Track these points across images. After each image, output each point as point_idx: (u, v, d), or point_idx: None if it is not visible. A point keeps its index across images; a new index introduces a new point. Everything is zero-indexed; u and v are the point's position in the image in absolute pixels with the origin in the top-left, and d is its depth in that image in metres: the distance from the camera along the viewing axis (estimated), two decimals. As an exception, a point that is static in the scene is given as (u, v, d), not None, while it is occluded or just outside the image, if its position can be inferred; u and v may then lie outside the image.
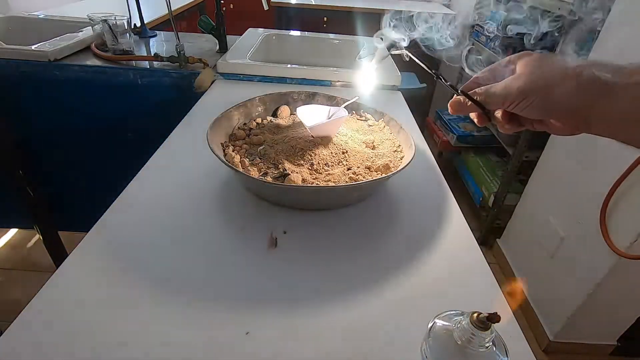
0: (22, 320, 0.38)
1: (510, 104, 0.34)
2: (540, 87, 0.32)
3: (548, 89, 0.31)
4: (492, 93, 0.35)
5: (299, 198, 0.55)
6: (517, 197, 1.52)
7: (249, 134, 0.67)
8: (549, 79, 0.31)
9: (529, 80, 0.32)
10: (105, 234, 0.49)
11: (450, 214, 0.58)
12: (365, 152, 0.63)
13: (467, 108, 0.38)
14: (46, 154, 1.19)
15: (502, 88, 0.34)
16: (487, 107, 0.37)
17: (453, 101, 0.39)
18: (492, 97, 0.35)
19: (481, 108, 0.37)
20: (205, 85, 0.97)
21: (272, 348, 0.37)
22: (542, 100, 0.32)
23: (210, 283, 0.43)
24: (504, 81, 0.34)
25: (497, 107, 0.36)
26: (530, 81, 0.32)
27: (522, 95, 0.32)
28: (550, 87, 0.31)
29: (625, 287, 1.09)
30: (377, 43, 0.48)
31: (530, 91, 0.32)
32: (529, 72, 0.33)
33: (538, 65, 0.33)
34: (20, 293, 1.37)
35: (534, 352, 0.38)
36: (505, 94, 0.34)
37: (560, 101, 0.31)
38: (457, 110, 0.39)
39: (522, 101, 0.33)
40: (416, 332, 0.39)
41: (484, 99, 0.36)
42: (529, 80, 0.32)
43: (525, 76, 0.33)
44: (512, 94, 0.33)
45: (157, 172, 0.62)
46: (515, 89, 0.33)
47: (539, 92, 0.32)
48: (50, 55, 0.99)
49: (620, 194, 1.00)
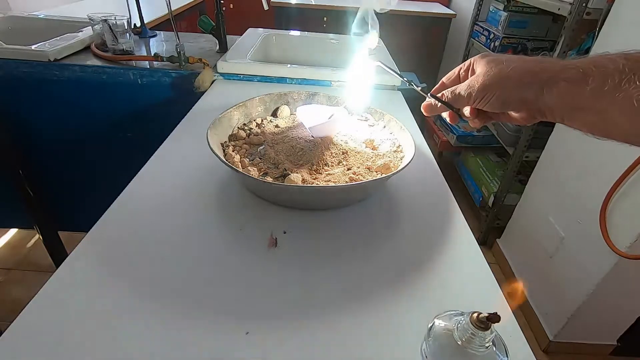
0: (22, 320, 0.38)
1: (474, 101, 0.38)
2: (496, 83, 0.36)
3: (502, 84, 0.35)
4: (458, 93, 0.39)
5: (299, 198, 0.55)
6: (517, 197, 1.52)
7: (249, 134, 0.67)
8: (503, 76, 0.35)
9: (487, 78, 0.36)
10: (105, 234, 0.49)
11: (450, 214, 0.58)
12: (365, 152, 0.63)
13: (439, 109, 0.43)
14: (46, 154, 1.19)
15: (466, 87, 0.38)
16: (455, 106, 0.41)
17: (425, 104, 0.43)
18: (458, 96, 0.39)
19: (450, 107, 0.41)
20: (205, 85, 0.97)
21: (272, 348, 0.37)
22: (500, 95, 0.36)
23: (210, 283, 0.43)
24: (467, 81, 0.38)
25: (464, 105, 0.40)
26: (489, 79, 0.36)
27: (483, 92, 0.36)
28: (504, 83, 0.35)
29: (625, 287, 1.09)
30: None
31: (490, 88, 0.36)
32: (486, 71, 0.36)
33: (494, 64, 0.36)
34: (20, 293, 1.37)
35: (534, 352, 0.38)
36: (469, 92, 0.38)
37: (514, 95, 0.35)
38: (430, 112, 0.43)
39: (483, 97, 0.37)
40: (416, 332, 0.39)
41: (451, 99, 0.40)
42: (487, 78, 0.36)
43: (483, 75, 0.36)
44: (474, 92, 0.37)
45: (157, 172, 0.62)
46: (476, 87, 0.37)
47: (496, 88, 0.36)
48: (50, 55, 0.99)
49: (620, 194, 1.00)
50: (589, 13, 1.17)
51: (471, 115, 0.41)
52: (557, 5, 1.28)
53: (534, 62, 0.35)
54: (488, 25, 1.84)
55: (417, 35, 2.52)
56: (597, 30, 1.14)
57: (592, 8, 1.16)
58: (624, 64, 0.30)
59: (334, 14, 2.37)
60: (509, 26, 1.67)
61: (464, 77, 0.42)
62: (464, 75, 0.42)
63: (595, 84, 0.30)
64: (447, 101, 0.41)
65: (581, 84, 0.31)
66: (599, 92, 0.30)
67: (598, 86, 0.30)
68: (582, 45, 1.30)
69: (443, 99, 0.41)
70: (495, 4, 1.80)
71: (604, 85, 0.30)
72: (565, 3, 1.23)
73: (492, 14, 1.83)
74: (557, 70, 0.33)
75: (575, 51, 1.32)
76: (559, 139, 1.28)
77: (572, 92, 0.32)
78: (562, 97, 0.33)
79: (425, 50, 2.73)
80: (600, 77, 0.30)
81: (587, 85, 0.31)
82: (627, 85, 0.29)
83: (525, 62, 0.35)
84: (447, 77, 0.43)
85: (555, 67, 0.33)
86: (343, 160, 0.61)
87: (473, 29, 1.96)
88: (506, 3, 1.70)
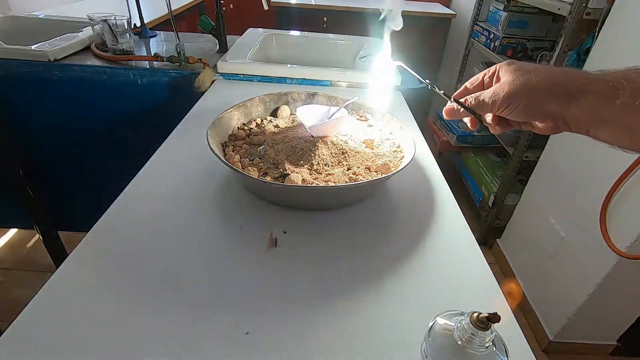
0: (22, 320, 0.38)
1: (498, 109, 0.38)
2: (523, 93, 0.35)
3: (530, 95, 0.35)
4: (482, 100, 0.39)
5: (299, 198, 0.55)
6: (517, 197, 1.52)
7: (249, 134, 0.67)
8: (530, 86, 0.35)
9: (513, 87, 0.36)
10: (105, 234, 0.49)
11: (451, 214, 0.58)
12: (365, 152, 0.63)
13: (460, 114, 0.43)
14: (46, 154, 1.19)
15: (490, 95, 0.38)
16: (478, 112, 0.41)
17: (447, 108, 0.44)
18: (481, 103, 0.39)
19: (473, 113, 0.41)
20: (205, 85, 0.97)
21: (272, 348, 0.37)
22: (526, 106, 0.36)
23: (210, 283, 0.43)
24: (492, 89, 0.38)
25: (487, 111, 0.40)
26: (515, 88, 0.36)
27: (508, 101, 0.36)
28: (531, 93, 0.35)
29: (625, 287, 1.09)
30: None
31: (515, 97, 0.36)
32: (513, 80, 0.36)
33: (521, 73, 0.36)
34: (20, 293, 1.37)
35: (534, 352, 0.38)
36: (493, 100, 0.37)
37: (540, 105, 0.35)
38: (452, 116, 0.43)
39: (508, 106, 0.36)
40: (416, 332, 0.39)
41: (475, 105, 0.40)
42: (513, 87, 0.36)
43: (509, 84, 0.36)
44: (499, 100, 0.37)
45: (157, 172, 0.62)
46: (501, 95, 0.36)
47: (523, 98, 0.35)
48: (50, 55, 0.99)
49: (620, 194, 1.00)
50: (589, 13, 1.17)
51: (493, 122, 0.41)
52: (557, 5, 1.28)
53: (561, 73, 0.34)
54: (488, 25, 1.84)
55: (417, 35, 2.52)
56: (597, 30, 1.14)
57: (592, 8, 1.16)
58: None
59: (334, 14, 2.37)
60: (509, 26, 1.67)
61: (488, 84, 0.41)
62: (489, 81, 0.41)
63: (626, 98, 0.30)
64: (470, 107, 0.40)
65: (610, 98, 0.31)
66: (629, 107, 0.30)
67: (628, 101, 0.30)
68: (582, 45, 1.30)
69: (466, 104, 0.41)
70: (495, 4, 1.79)
71: (635, 100, 0.30)
72: (565, 3, 1.23)
73: (492, 14, 1.83)
74: (585, 82, 0.33)
75: (575, 51, 1.32)
76: (559, 139, 1.28)
77: (601, 105, 0.32)
78: (590, 110, 0.32)
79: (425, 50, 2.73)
80: (631, 92, 0.30)
81: (617, 99, 0.31)
82: None
83: (552, 72, 0.35)
84: (470, 82, 0.43)
85: (583, 78, 0.33)
86: (343, 160, 0.61)
87: (473, 29, 1.96)
88: (506, 3, 1.70)
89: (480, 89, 0.41)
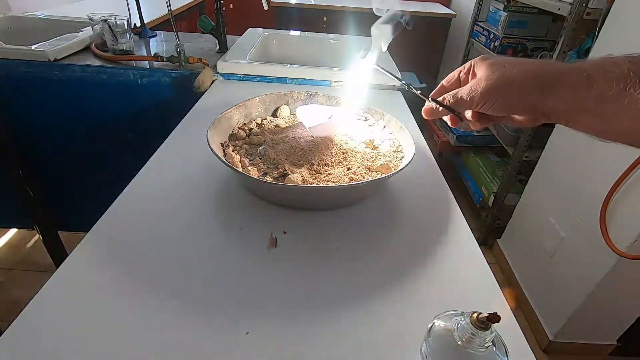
0: (22, 320, 0.38)
1: (477, 105, 0.37)
2: (500, 87, 0.35)
3: (506, 89, 0.35)
4: (460, 97, 0.38)
5: (299, 198, 0.55)
6: (517, 197, 1.52)
7: (249, 134, 0.67)
8: (506, 80, 0.35)
9: (490, 82, 0.36)
10: (105, 234, 0.49)
11: (450, 214, 0.58)
12: (365, 152, 0.63)
13: (439, 112, 0.42)
14: (46, 154, 1.19)
15: (468, 92, 0.37)
16: (457, 110, 0.40)
17: (426, 108, 0.43)
18: (460, 101, 0.39)
19: (452, 111, 0.41)
20: (205, 85, 0.97)
21: (272, 348, 0.37)
22: (503, 100, 0.36)
23: (210, 283, 0.43)
24: (468, 85, 0.38)
25: (465, 108, 0.39)
26: (491, 83, 0.35)
27: (485, 97, 0.36)
28: (508, 87, 0.35)
29: (625, 287, 1.09)
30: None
31: (492, 92, 0.36)
32: (489, 75, 0.36)
33: (496, 67, 0.36)
34: (20, 293, 1.37)
35: (534, 352, 0.38)
36: (471, 97, 0.37)
37: (517, 99, 0.35)
38: (431, 116, 0.43)
39: (486, 102, 0.36)
40: (416, 332, 0.39)
41: (453, 103, 0.39)
42: (489, 82, 0.36)
43: (486, 79, 0.36)
44: (477, 96, 0.37)
45: (157, 172, 0.62)
46: (479, 91, 0.36)
47: (500, 92, 0.35)
48: (50, 55, 0.99)
49: (620, 194, 1.00)
50: (589, 13, 1.17)
51: (473, 118, 0.40)
52: (557, 5, 1.28)
53: (536, 65, 0.34)
54: (488, 25, 1.84)
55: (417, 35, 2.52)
56: (597, 30, 1.14)
57: (592, 8, 1.16)
58: (629, 68, 0.30)
59: (334, 14, 2.37)
60: (509, 26, 1.67)
61: (464, 80, 0.41)
62: (465, 78, 0.41)
63: (600, 89, 0.30)
64: (448, 105, 0.40)
65: (585, 88, 0.31)
66: (603, 97, 0.30)
67: (603, 91, 0.30)
68: (582, 45, 1.30)
69: (444, 103, 0.40)
70: (495, 4, 1.79)
71: (609, 89, 0.30)
72: (565, 3, 1.23)
73: (492, 14, 1.83)
74: (560, 74, 0.33)
75: (575, 51, 1.32)
76: (559, 139, 1.28)
77: (576, 96, 0.32)
78: (566, 101, 0.32)
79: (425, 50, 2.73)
80: (605, 82, 0.30)
81: (592, 90, 0.31)
82: (632, 90, 0.29)
83: (527, 65, 0.35)
84: (446, 80, 0.43)
85: (558, 70, 0.33)
86: (343, 160, 0.61)
87: (473, 29, 1.96)
88: (506, 3, 1.70)
89: (457, 86, 0.41)
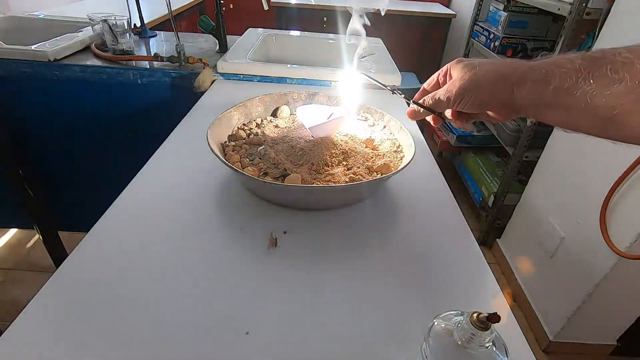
0: (22, 321, 0.38)
1: (453, 104, 0.41)
2: (472, 87, 0.38)
3: (478, 88, 0.38)
4: (438, 98, 0.42)
5: (299, 198, 0.55)
6: (517, 197, 1.52)
7: (249, 134, 0.67)
8: (477, 79, 0.38)
9: (463, 82, 0.39)
10: (105, 234, 0.49)
11: (450, 214, 0.58)
12: (365, 152, 0.63)
13: (422, 114, 0.45)
14: (46, 154, 1.19)
15: (444, 93, 0.41)
16: (437, 110, 0.44)
17: (409, 111, 0.47)
18: (438, 101, 0.42)
19: (432, 112, 0.44)
20: (205, 85, 0.97)
21: (272, 348, 0.37)
22: (476, 98, 0.39)
23: (210, 283, 0.43)
24: (445, 87, 0.41)
25: (444, 108, 0.43)
26: (464, 83, 0.39)
27: (460, 96, 0.39)
28: (479, 87, 0.38)
29: (625, 287, 1.09)
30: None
31: (466, 92, 0.39)
32: (462, 76, 0.39)
33: (468, 69, 0.39)
34: (20, 293, 1.37)
35: (534, 352, 0.38)
36: (448, 97, 0.40)
37: (488, 96, 0.38)
38: (414, 117, 0.46)
39: (462, 101, 0.39)
40: (416, 332, 0.39)
41: (432, 104, 0.43)
42: (462, 83, 0.39)
43: (459, 80, 0.39)
44: (453, 96, 0.40)
45: (156, 172, 0.62)
46: (454, 92, 0.40)
47: (472, 91, 0.38)
48: (50, 55, 0.99)
49: (620, 194, 1.00)
50: (589, 13, 1.17)
51: (452, 117, 0.44)
52: (557, 5, 1.28)
53: (504, 65, 0.37)
54: (488, 25, 1.84)
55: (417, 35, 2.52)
56: (597, 30, 1.14)
57: (592, 8, 1.16)
58: (580, 64, 0.32)
59: (334, 14, 2.37)
60: (509, 26, 1.67)
61: (442, 83, 0.44)
62: (443, 80, 0.44)
63: (556, 83, 0.33)
64: (428, 106, 0.44)
65: (544, 84, 0.34)
66: (559, 91, 0.33)
67: (559, 85, 0.33)
68: (582, 45, 1.30)
69: (425, 105, 0.44)
70: (495, 4, 1.79)
71: (564, 83, 0.33)
72: (565, 3, 1.23)
73: (492, 14, 1.83)
74: (524, 72, 0.36)
75: (575, 51, 1.32)
76: (559, 139, 1.28)
77: (538, 91, 0.35)
78: (530, 96, 0.35)
79: (425, 50, 2.73)
80: (560, 77, 0.33)
81: (550, 85, 0.33)
82: (582, 83, 0.32)
83: (496, 65, 0.38)
84: (427, 83, 0.46)
85: (523, 68, 0.36)
86: (343, 160, 0.61)
87: (473, 29, 1.95)
88: (506, 3, 1.70)
89: (437, 88, 0.44)
